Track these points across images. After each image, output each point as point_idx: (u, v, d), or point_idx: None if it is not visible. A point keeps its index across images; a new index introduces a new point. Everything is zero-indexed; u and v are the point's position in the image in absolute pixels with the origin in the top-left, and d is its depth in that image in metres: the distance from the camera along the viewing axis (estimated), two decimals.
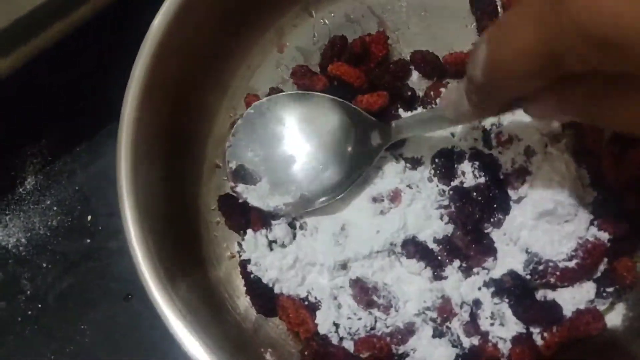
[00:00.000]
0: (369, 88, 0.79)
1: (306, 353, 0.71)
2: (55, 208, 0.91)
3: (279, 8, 0.86)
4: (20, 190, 0.92)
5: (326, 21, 0.87)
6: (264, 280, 0.75)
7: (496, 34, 0.47)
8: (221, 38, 0.83)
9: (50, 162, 0.93)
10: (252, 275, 0.76)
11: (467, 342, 0.70)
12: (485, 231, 0.73)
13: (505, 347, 0.69)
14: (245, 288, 0.77)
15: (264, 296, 0.75)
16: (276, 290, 0.75)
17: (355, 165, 0.76)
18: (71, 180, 0.92)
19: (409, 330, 0.71)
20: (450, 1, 0.84)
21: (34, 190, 0.92)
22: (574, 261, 0.69)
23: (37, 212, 0.91)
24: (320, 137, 0.77)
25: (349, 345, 0.72)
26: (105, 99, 0.75)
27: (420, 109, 0.79)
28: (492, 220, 0.72)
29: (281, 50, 0.87)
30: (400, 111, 0.79)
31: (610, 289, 0.70)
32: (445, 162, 0.75)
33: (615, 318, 0.70)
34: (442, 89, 0.79)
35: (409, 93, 0.79)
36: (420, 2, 0.85)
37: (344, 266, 0.74)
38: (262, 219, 0.77)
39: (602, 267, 0.70)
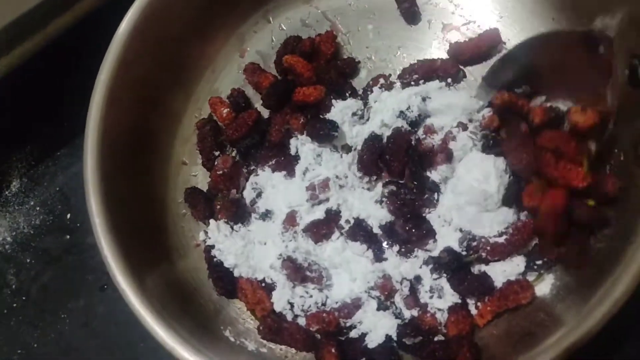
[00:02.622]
0: (317, 83, 0.87)
1: (262, 328, 0.79)
2: (38, 208, 0.99)
3: (240, 15, 0.95)
4: (6, 193, 1.01)
5: (283, 26, 0.96)
6: (226, 264, 0.83)
7: None
8: (186, 44, 0.92)
9: (34, 166, 1.02)
10: (214, 259, 0.83)
11: (407, 313, 0.77)
12: (424, 215, 0.80)
13: (442, 317, 0.76)
14: (208, 272, 0.84)
15: (225, 279, 0.83)
16: (236, 273, 0.83)
17: None
18: (53, 182, 1.01)
19: (356, 305, 0.79)
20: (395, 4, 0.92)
21: (19, 192, 1.01)
22: (504, 237, 0.76)
23: (21, 212, 1.00)
24: None
25: (302, 321, 0.79)
26: (84, 106, 0.82)
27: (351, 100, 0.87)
28: (425, 199, 0.80)
29: (242, 55, 0.96)
30: (334, 102, 0.86)
31: (539, 262, 0.77)
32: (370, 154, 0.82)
33: (544, 287, 0.76)
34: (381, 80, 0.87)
35: (349, 92, 0.88)
36: (369, 6, 0.94)
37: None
38: (226, 209, 0.85)
39: (532, 243, 0.77)
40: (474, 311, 0.77)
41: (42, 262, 0.96)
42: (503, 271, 0.77)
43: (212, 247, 0.84)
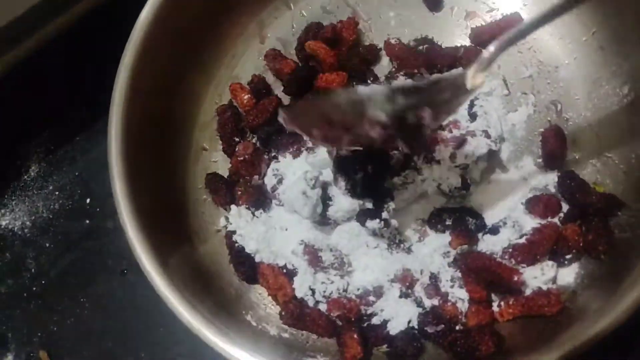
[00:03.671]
0: (339, 69, 0.88)
1: (284, 314, 0.80)
2: (57, 193, 1.01)
3: (261, 1, 0.96)
4: (25, 177, 1.02)
5: (304, 13, 0.96)
6: (247, 250, 0.84)
7: None
8: (206, 30, 0.93)
9: (53, 150, 1.03)
10: (236, 245, 0.85)
11: (428, 302, 0.78)
12: None
13: (463, 306, 0.77)
14: (229, 257, 0.85)
15: (246, 264, 0.84)
16: (257, 259, 0.84)
17: None
18: (72, 167, 1.02)
19: (378, 293, 0.79)
20: None
21: (37, 177, 1.02)
22: (524, 238, 0.77)
23: (40, 197, 1.01)
24: None
25: (323, 307, 0.80)
26: (103, 91, 0.83)
27: None
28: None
29: (263, 41, 0.96)
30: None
31: (569, 256, 0.77)
32: None
33: (569, 276, 0.77)
34: None
35: (371, 79, 0.88)
36: None
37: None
38: (247, 195, 0.86)
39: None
40: (495, 308, 0.77)
41: (61, 246, 0.97)
42: (534, 277, 0.77)
43: (234, 232, 0.85)
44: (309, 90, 0.89)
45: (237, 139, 0.91)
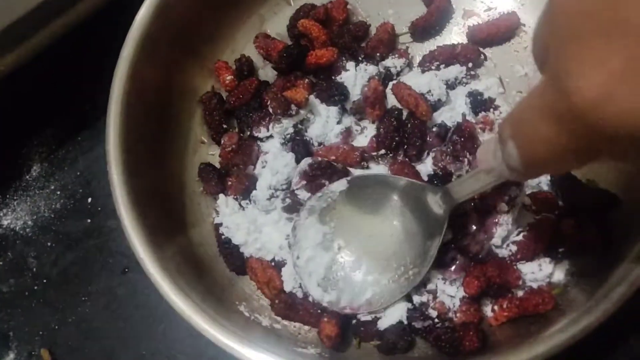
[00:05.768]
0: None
1: (277, 303, 0.82)
2: (58, 192, 1.03)
3: None
4: (27, 177, 1.05)
5: None
6: (234, 242, 0.87)
7: (519, 131, 0.52)
8: (206, 24, 0.96)
9: (54, 150, 1.05)
10: (223, 237, 0.87)
11: (417, 299, 0.80)
12: None
13: (452, 303, 0.79)
14: (218, 249, 0.88)
15: (234, 255, 0.87)
16: (246, 253, 0.86)
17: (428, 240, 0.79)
18: (73, 167, 1.04)
19: None
20: None
21: (39, 176, 1.05)
22: (522, 234, 0.80)
23: (42, 196, 1.03)
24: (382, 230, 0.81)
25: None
26: (104, 91, 0.86)
27: (365, 65, 0.91)
28: None
29: None
30: (348, 65, 0.91)
31: (561, 249, 0.79)
32: None
33: (559, 273, 0.79)
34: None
35: (362, 56, 0.92)
36: None
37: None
38: (238, 183, 0.89)
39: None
40: (488, 313, 0.79)
41: (62, 245, 1.00)
42: (531, 273, 0.79)
43: (220, 224, 0.88)
44: (299, 68, 0.92)
45: (225, 126, 0.94)
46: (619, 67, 0.42)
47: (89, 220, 1.00)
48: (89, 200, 1.02)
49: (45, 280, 0.98)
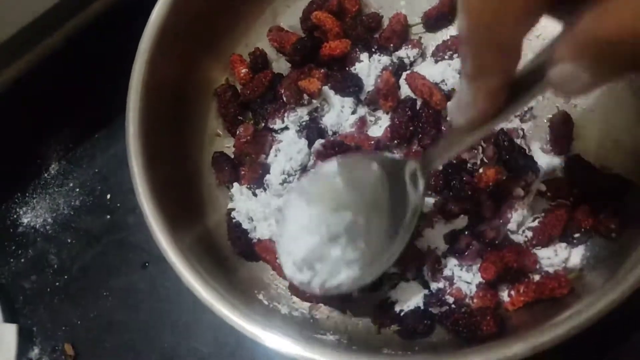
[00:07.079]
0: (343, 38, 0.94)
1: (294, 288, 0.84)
2: (77, 189, 1.06)
3: None
4: (46, 175, 1.07)
5: None
6: (245, 226, 0.89)
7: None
8: (221, 19, 0.98)
9: (72, 148, 1.08)
10: (233, 221, 0.89)
11: (434, 285, 0.82)
12: None
13: (469, 289, 0.81)
14: (227, 234, 0.90)
15: (241, 239, 0.88)
16: (259, 236, 0.89)
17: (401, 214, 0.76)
18: (91, 164, 1.07)
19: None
20: None
21: (58, 174, 1.07)
22: (537, 221, 0.81)
23: (61, 194, 1.06)
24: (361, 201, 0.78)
25: None
26: (120, 89, 0.88)
27: (379, 56, 0.93)
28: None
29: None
30: (362, 56, 0.93)
31: (577, 235, 0.80)
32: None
33: (575, 258, 0.80)
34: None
35: (375, 47, 0.94)
36: None
37: None
38: (252, 173, 0.91)
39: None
40: (505, 298, 0.80)
41: (83, 242, 1.02)
42: (547, 258, 0.80)
43: (233, 209, 0.91)
44: (313, 60, 0.94)
45: (240, 118, 0.96)
46: None
47: (108, 217, 1.03)
48: (108, 196, 1.04)
49: (66, 277, 1.01)
